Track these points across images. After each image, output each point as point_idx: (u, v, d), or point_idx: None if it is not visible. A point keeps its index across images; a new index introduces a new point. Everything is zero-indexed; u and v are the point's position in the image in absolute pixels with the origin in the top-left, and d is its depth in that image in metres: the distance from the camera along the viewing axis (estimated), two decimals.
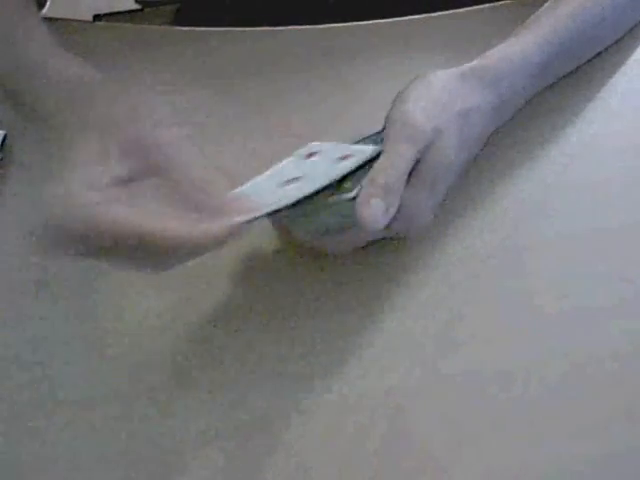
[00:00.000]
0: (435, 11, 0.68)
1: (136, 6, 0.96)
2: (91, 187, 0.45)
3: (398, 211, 0.48)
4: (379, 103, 0.53)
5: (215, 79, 0.66)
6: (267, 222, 0.55)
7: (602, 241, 0.54)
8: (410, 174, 0.49)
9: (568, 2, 0.60)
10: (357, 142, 0.53)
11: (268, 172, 0.50)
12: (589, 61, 0.63)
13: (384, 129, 0.51)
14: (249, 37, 0.68)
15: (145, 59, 0.68)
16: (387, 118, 0.51)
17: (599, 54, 0.64)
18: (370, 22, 0.68)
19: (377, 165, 0.49)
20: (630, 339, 0.49)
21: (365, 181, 0.48)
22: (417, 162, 0.50)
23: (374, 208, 0.47)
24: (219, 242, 0.44)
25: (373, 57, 0.57)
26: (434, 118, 0.51)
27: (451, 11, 0.68)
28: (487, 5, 0.68)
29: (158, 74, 0.66)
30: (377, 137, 0.52)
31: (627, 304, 0.51)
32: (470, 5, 0.69)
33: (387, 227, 0.48)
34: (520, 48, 0.57)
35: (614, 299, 0.51)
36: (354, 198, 0.48)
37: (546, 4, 0.60)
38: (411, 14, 0.69)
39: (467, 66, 0.55)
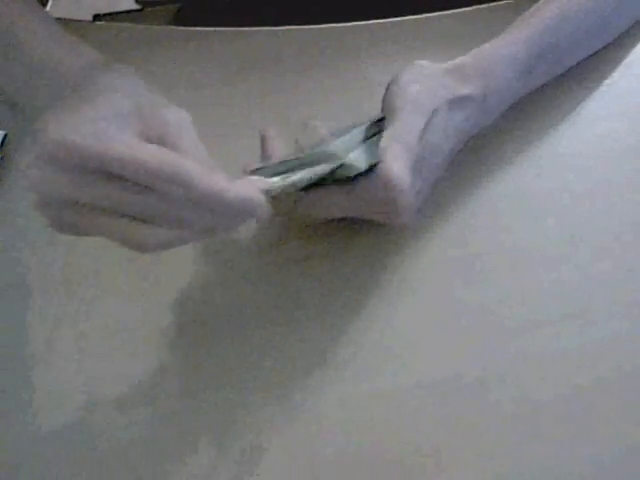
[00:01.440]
0: (435, 11, 0.68)
1: (136, 6, 0.96)
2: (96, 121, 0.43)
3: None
4: (379, 103, 0.53)
5: (215, 79, 0.66)
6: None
7: (600, 243, 0.54)
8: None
9: (558, 4, 0.60)
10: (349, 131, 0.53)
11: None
12: (588, 60, 0.63)
13: (382, 119, 0.52)
14: (249, 37, 0.68)
15: (145, 59, 0.68)
16: (386, 98, 0.52)
17: (599, 53, 0.64)
18: (370, 22, 0.68)
19: (392, 131, 0.49)
20: (603, 343, 0.50)
21: (381, 145, 0.48)
22: None
23: (398, 170, 0.47)
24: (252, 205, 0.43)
25: (373, 57, 0.57)
26: (429, 98, 0.52)
27: (451, 11, 0.68)
28: (487, 5, 0.68)
29: (158, 74, 0.66)
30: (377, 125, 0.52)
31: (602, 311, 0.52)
32: (470, 5, 0.69)
33: (373, 196, 0.49)
34: (506, 45, 0.57)
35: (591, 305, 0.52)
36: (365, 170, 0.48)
37: (536, 4, 0.60)
38: (411, 14, 0.69)
39: (451, 63, 0.55)
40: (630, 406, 0.47)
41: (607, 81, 0.62)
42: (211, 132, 0.62)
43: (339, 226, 0.55)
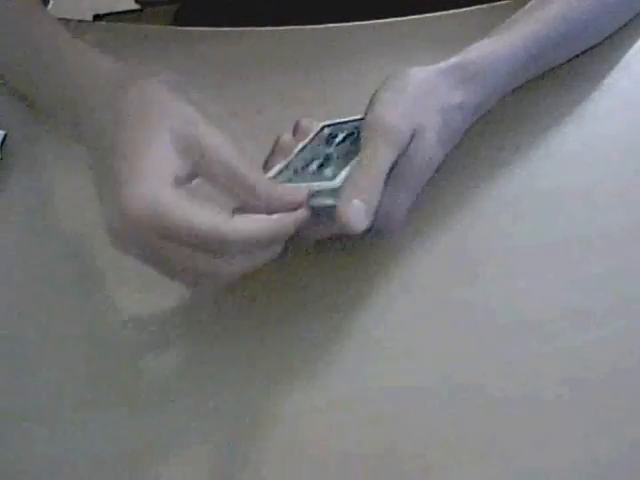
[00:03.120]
0: (435, 11, 0.68)
1: (136, 6, 0.96)
2: (165, 185, 0.45)
3: (376, 211, 0.48)
4: None
5: (215, 79, 0.66)
6: None
7: (600, 243, 0.54)
8: (389, 173, 0.49)
9: (554, 2, 0.60)
10: (336, 124, 0.54)
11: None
12: (589, 60, 0.63)
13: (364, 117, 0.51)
14: (249, 37, 0.68)
15: (145, 59, 0.68)
16: (365, 118, 0.51)
17: (598, 52, 0.64)
18: (370, 22, 0.68)
19: (357, 166, 0.48)
20: (600, 345, 0.50)
21: (345, 179, 0.48)
22: (396, 161, 0.49)
23: (355, 210, 0.47)
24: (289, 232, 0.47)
25: (373, 57, 0.57)
26: (410, 117, 0.50)
27: (451, 11, 0.68)
28: (487, 5, 0.68)
29: None
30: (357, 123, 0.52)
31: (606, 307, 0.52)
32: (470, 5, 0.69)
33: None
34: (503, 45, 0.57)
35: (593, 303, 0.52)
36: (337, 189, 0.48)
37: (531, 2, 0.60)
38: (411, 14, 0.69)
39: (446, 63, 0.55)
40: (631, 405, 0.47)
41: (607, 81, 0.62)
42: None
43: None
